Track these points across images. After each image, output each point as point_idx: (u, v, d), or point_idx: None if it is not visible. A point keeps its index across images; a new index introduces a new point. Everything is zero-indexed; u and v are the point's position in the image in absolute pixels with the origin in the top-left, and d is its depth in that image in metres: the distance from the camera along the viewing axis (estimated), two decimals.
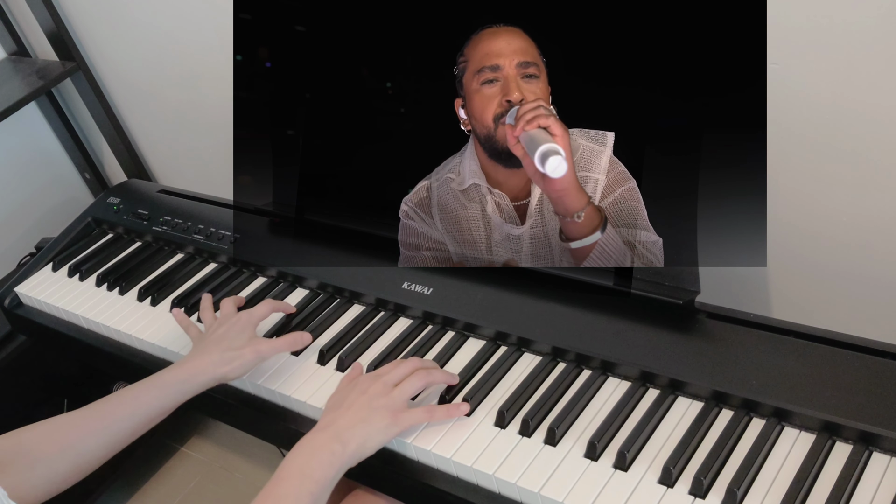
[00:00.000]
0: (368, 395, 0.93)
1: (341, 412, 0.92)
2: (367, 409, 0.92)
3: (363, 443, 0.90)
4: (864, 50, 0.92)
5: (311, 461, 0.87)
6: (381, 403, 0.92)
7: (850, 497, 0.78)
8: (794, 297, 1.15)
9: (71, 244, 1.50)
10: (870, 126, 0.97)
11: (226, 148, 1.35)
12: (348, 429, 0.90)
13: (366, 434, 0.90)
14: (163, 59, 1.63)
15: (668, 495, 0.82)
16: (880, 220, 1.02)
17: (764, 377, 0.89)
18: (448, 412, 0.95)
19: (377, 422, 0.91)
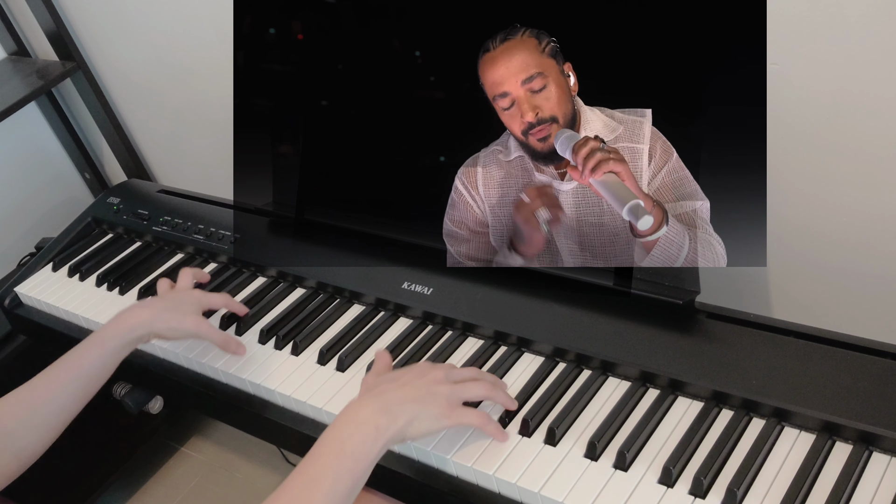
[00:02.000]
0: (427, 379, 0.87)
1: (395, 386, 0.85)
2: (425, 390, 0.85)
3: (411, 422, 0.82)
4: (865, 49, 0.92)
5: (355, 436, 0.80)
6: (440, 391, 0.86)
7: (850, 497, 0.78)
8: (795, 297, 1.15)
9: (71, 244, 1.50)
10: (870, 125, 0.97)
11: (226, 148, 1.35)
12: (399, 404, 0.83)
13: (416, 414, 0.83)
14: (163, 59, 1.63)
15: (668, 495, 0.82)
16: (881, 219, 1.02)
17: (764, 377, 0.89)
18: (500, 432, 0.90)
19: (431, 407, 0.84)
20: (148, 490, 1.84)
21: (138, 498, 1.82)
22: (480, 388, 0.91)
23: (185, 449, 1.91)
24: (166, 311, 1.05)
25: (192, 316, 1.06)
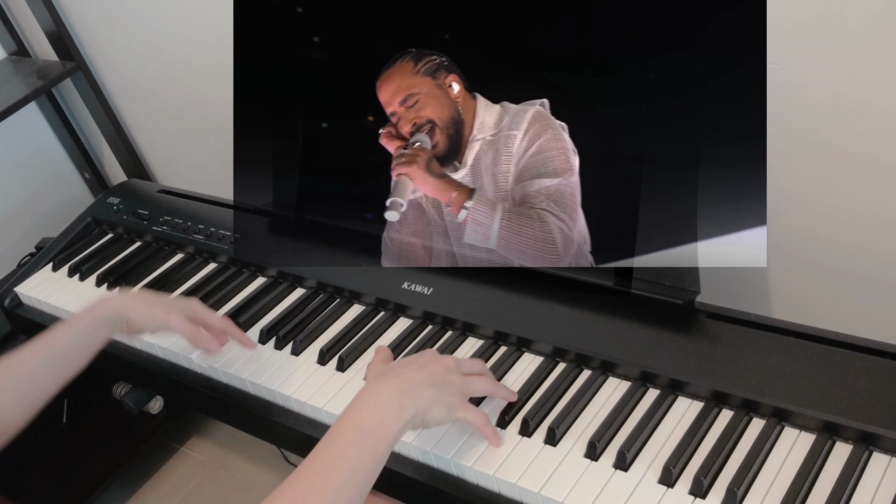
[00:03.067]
0: (442, 366, 0.85)
1: (412, 369, 0.83)
2: (441, 377, 0.83)
3: (428, 408, 0.81)
4: (864, 50, 0.92)
5: (375, 415, 0.77)
6: (453, 378, 0.85)
7: (850, 497, 0.78)
8: (794, 297, 1.15)
9: (71, 244, 1.50)
10: (869, 126, 0.97)
11: (226, 148, 1.35)
12: (420, 386, 0.81)
13: (434, 400, 0.81)
14: (163, 59, 1.63)
15: (668, 495, 0.82)
16: (880, 219, 1.02)
17: (764, 377, 0.89)
18: (496, 437, 0.89)
19: (447, 395, 0.82)
20: (148, 490, 1.84)
21: (138, 498, 1.82)
22: (486, 384, 0.91)
23: (185, 449, 1.91)
24: (141, 300, 1.04)
25: (163, 308, 1.03)
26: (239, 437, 1.81)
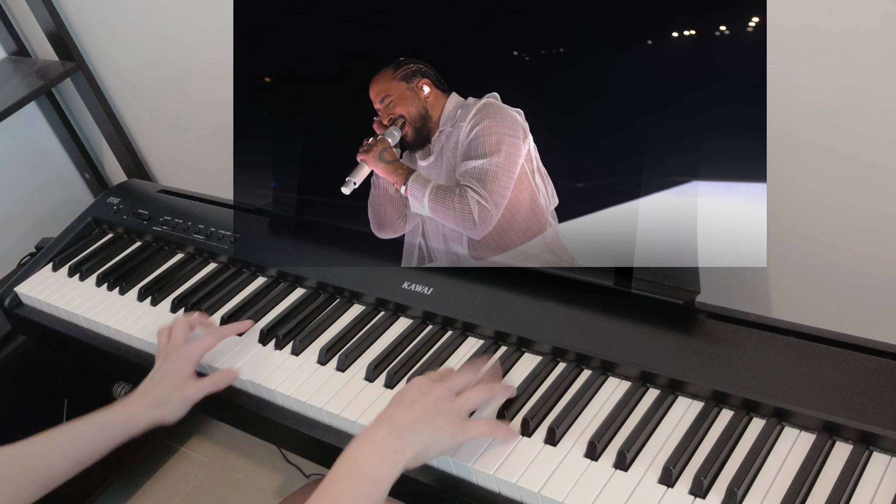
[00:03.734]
0: (433, 397, 0.87)
1: (403, 408, 0.86)
2: (434, 410, 0.86)
3: (428, 445, 0.84)
4: (864, 52, 0.92)
5: (372, 459, 0.80)
6: (447, 408, 0.87)
7: (850, 497, 0.78)
8: (794, 298, 1.15)
9: (71, 244, 1.50)
10: (869, 127, 0.97)
11: (226, 148, 1.35)
12: (414, 426, 0.84)
13: (432, 436, 0.84)
14: (163, 60, 1.63)
15: (668, 495, 0.82)
16: (880, 220, 1.02)
17: (764, 377, 0.89)
18: (510, 433, 0.91)
19: (444, 426, 0.85)
20: (148, 490, 1.84)
21: (138, 498, 1.82)
22: (481, 393, 0.92)
23: (185, 449, 1.91)
24: (159, 395, 1.05)
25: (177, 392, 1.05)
26: (239, 437, 1.81)
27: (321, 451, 1.05)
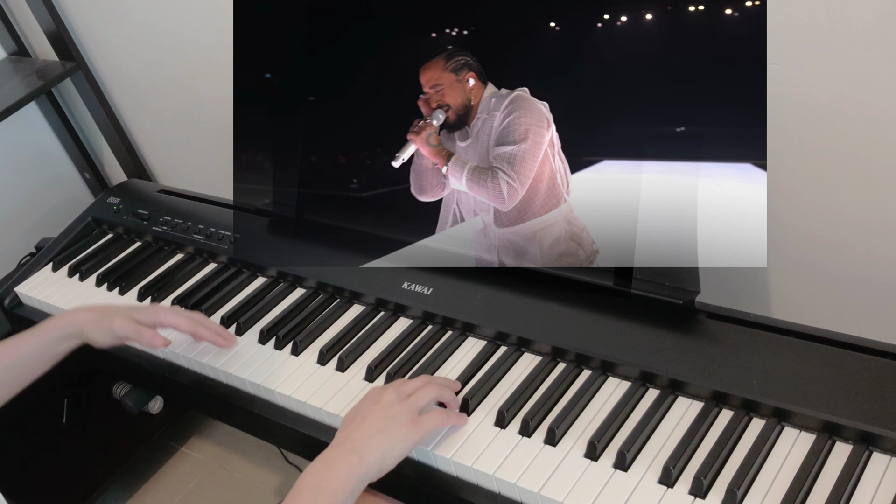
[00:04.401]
0: (382, 405, 0.91)
1: (355, 425, 0.90)
2: (383, 418, 0.89)
3: (383, 453, 0.87)
4: (864, 50, 0.92)
5: (327, 473, 0.85)
6: (396, 411, 0.90)
7: (850, 497, 0.78)
8: (794, 297, 1.15)
9: (71, 244, 1.50)
10: (869, 126, 0.97)
11: (226, 148, 1.35)
12: (365, 440, 0.87)
13: (385, 444, 0.87)
14: (163, 59, 1.63)
15: (668, 495, 0.82)
16: (880, 220, 1.02)
17: (764, 377, 0.89)
18: (459, 418, 0.94)
19: (395, 430, 0.88)
20: (148, 490, 1.84)
21: (138, 498, 1.82)
22: (431, 391, 0.94)
23: (185, 449, 1.91)
24: (101, 314, 1.10)
25: (118, 318, 1.09)
26: (239, 437, 1.81)
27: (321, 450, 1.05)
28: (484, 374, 1.01)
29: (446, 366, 1.04)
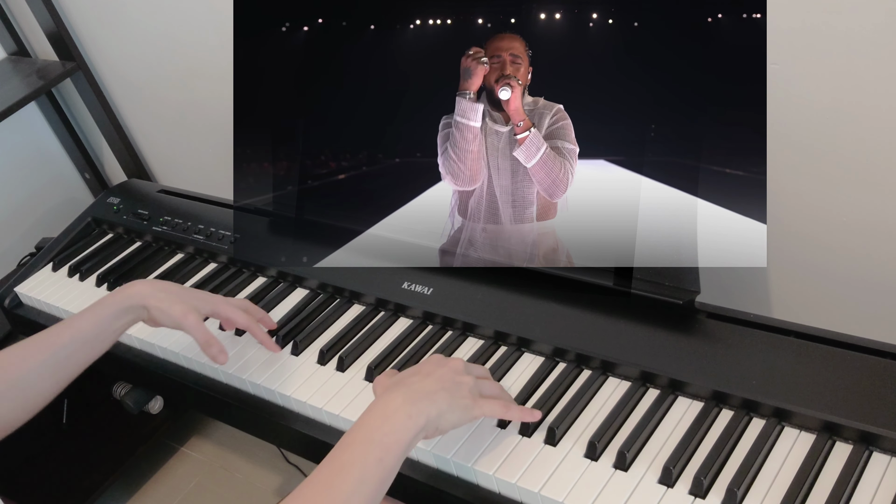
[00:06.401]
0: (449, 369, 0.86)
1: (419, 377, 0.85)
2: (451, 381, 0.85)
3: (441, 414, 0.82)
4: (864, 52, 0.92)
5: (384, 425, 0.79)
6: (463, 380, 0.86)
7: (850, 497, 0.78)
8: (794, 298, 1.15)
9: (71, 244, 1.50)
10: (869, 127, 0.97)
11: (226, 148, 1.35)
12: (429, 394, 0.82)
13: (447, 405, 0.82)
14: (163, 59, 1.63)
15: (668, 495, 0.82)
16: (879, 220, 1.02)
17: (764, 377, 0.89)
18: (522, 414, 0.90)
19: (460, 397, 0.84)
20: (148, 490, 1.84)
21: (138, 498, 1.82)
22: (495, 387, 0.92)
23: (185, 449, 1.91)
24: (164, 292, 1.05)
25: (182, 305, 1.04)
26: (239, 437, 1.81)
27: (321, 451, 1.05)
28: None
29: None
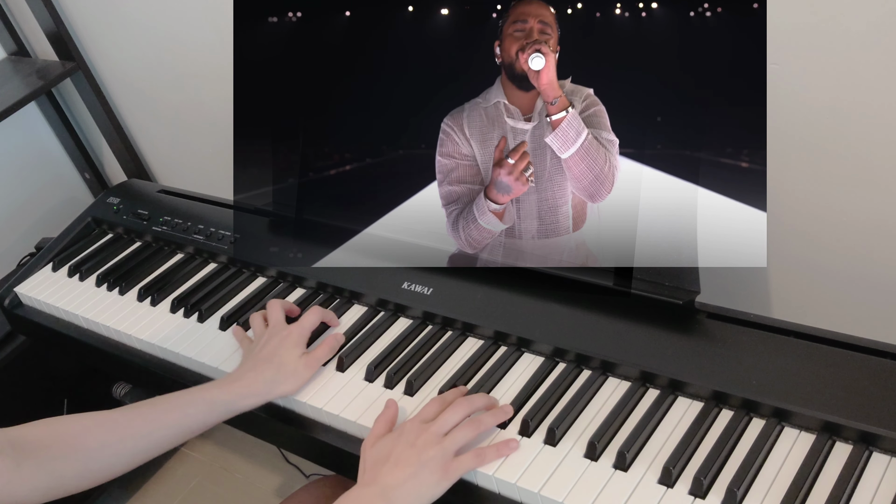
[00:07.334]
0: (417, 448, 0.87)
1: (388, 468, 0.87)
2: (417, 463, 0.86)
3: (413, 502, 0.85)
4: (864, 51, 0.92)
5: None
6: (431, 456, 0.87)
7: (850, 497, 0.78)
8: (794, 297, 1.15)
9: (71, 244, 1.50)
10: (869, 126, 0.97)
11: (226, 148, 1.35)
12: (397, 487, 0.85)
13: (416, 492, 0.85)
14: (163, 59, 1.63)
15: (668, 495, 0.82)
16: (879, 220, 1.02)
17: (764, 377, 0.89)
18: (498, 451, 0.90)
19: (427, 477, 0.86)
20: (148, 490, 1.84)
21: (138, 498, 1.83)
22: (469, 431, 0.90)
23: (185, 449, 1.91)
24: (278, 378, 1.03)
25: (302, 362, 1.04)
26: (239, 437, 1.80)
27: (321, 451, 1.05)
28: (484, 375, 1.01)
29: (446, 366, 1.04)
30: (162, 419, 0.98)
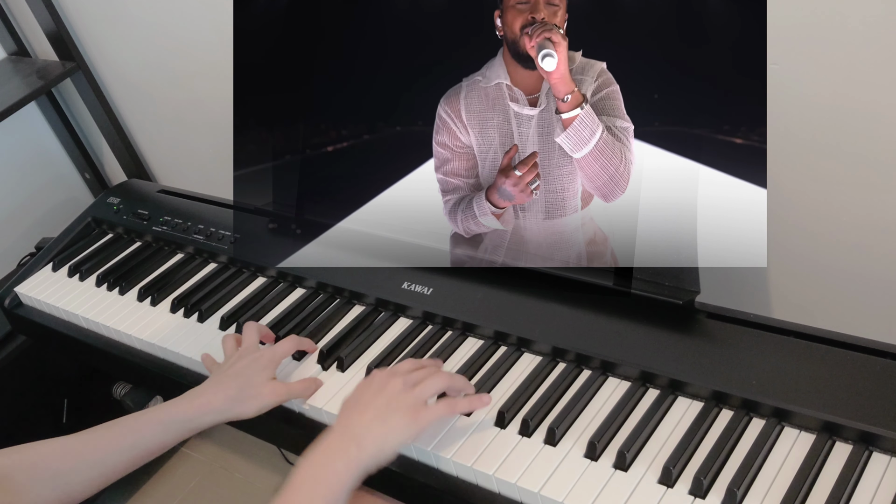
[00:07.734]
0: (386, 394, 0.89)
1: (357, 413, 0.88)
2: (385, 408, 0.88)
3: (381, 444, 0.86)
4: (864, 50, 0.92)
5: (326, 467, 0.83)
6: (400, 401, 0.88)
7: (850, 497, 0.78)
8: (794, 297, 1.15)
9: (71, 244, 1.50)
10: (870, 126, 0.97)
11: (226, 148, 1.35)
12: (365, 429, 0.86)
13: (384, 434, 0.86)
14: (163, 59, 1.63)
15: (668, 495, 0.82)
16: (880, 219, 1.02)
17: (764, 377, 0.89)
18: (470, 403, 0.92)
19: (395, 421, 0.87)
20: (148, 490, 1.84)
21: (138, 498, 1.82)
22: (439, 381, 0.92)
23: (185, 449, 1.91)
24: (241, 396, 0.99)
25: (267, 388, 1.00)
26: (239, 437, 1.80)
27: None
28: (484, 374, 1.01)
29: (446, 366, 1.04)
30: (115, 444, 0.97)
